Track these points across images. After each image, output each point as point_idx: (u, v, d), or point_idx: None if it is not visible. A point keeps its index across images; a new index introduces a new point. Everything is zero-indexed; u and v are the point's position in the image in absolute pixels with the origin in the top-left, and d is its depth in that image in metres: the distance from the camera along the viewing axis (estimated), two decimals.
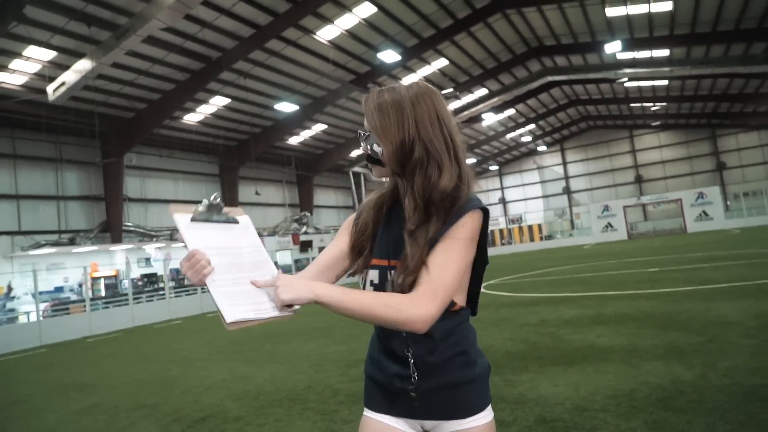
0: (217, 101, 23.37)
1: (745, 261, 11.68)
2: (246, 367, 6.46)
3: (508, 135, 42.22)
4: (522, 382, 4.27)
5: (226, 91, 22.44)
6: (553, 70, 28.74)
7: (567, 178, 50.04)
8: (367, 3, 18.78)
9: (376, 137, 1.24)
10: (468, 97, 30.69)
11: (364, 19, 19.85)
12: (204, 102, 23.15)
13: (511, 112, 37.05)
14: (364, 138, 1.27)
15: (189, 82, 20.36)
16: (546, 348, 5.43)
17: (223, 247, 1.16)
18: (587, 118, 45.12)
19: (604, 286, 10.36)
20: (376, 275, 1.28)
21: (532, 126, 42.39)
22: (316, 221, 34.96)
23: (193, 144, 26.73)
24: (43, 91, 17.05)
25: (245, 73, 21.42)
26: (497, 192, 53.10)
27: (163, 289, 18.62)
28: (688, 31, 23.39)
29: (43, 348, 12.06)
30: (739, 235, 24.22)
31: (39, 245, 19.59)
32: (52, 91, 16.73)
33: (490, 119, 35.78)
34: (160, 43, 17.57)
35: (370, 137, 1.25)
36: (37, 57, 16.50)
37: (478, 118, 34.26)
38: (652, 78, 29.54)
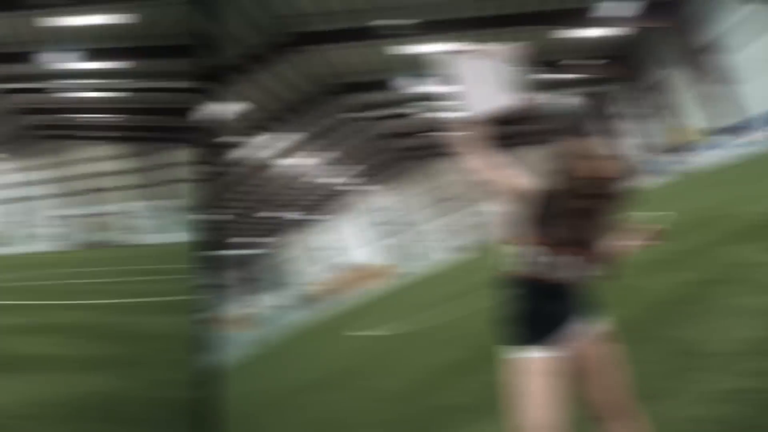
0: None
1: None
2: None
3: (323, 179, 37.40)
4: None
5: None
6: (352, 107, 27.81)
7: (400, 214, 44.56)
8: None
9: None
10: (276, 142, 27.30)
11: None
12: None
13: (326, 155, 33.53)
14: None
15: None
16: None
17: None
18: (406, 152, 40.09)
19: (33, 296, 9.76)
20: None
21: (352, 168, 37.88)
22: None
23: None
24: None
25: None
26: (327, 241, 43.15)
27: None
28: None
29: None
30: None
31: None
32: None
33: (304, 165, 32.78)
34: None
35: None
36: None
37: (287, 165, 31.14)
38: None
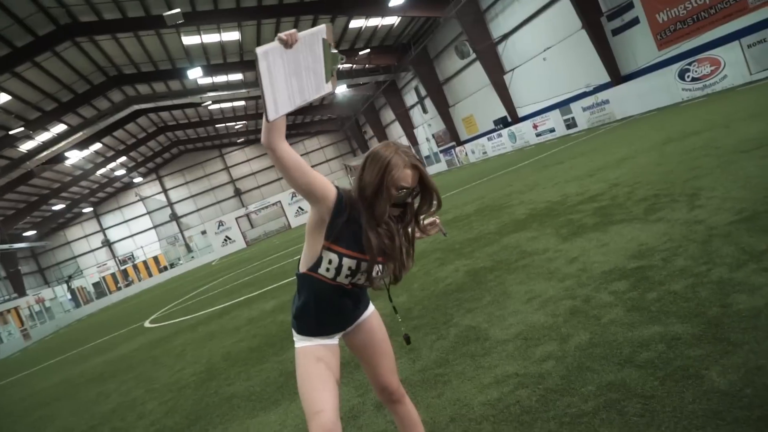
0: None
1: None
2: None
3: (99, 171, 38.90)
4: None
5: None
6: (137, 98, 28.33)
7: (171, 204, 49.85)
8: None
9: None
10: (44, 136, 26.97)
11: None
12: None
13: (97, 146, 34.45)
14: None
15: None
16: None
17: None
18: (177, 143, 45.94)
19: (272, 280, 11.60)
20: None
21: (123, 158, 40.32)
22: None
23: None
24: None
25: None
26: (98, 235, 48.32)
27: None
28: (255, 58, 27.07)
29: None
30: None
31: None
32: None
33: (75, 157, 32.33)
34: None
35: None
36: None
37: (60, 158, 30.51)
38: (232, 99, 32.84)
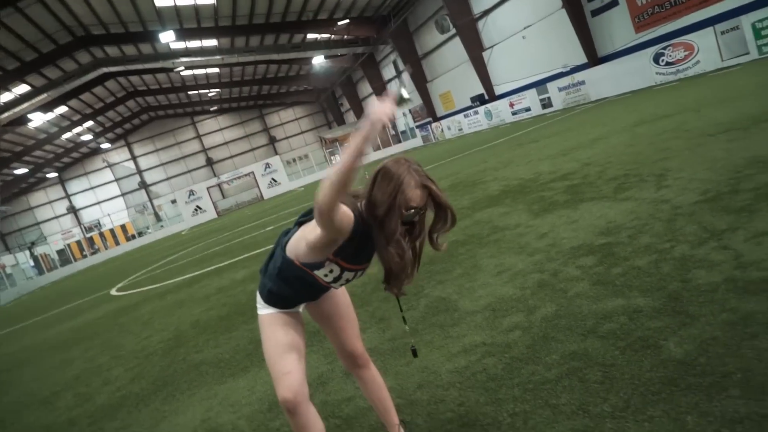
0: None
1: None
2: None
3: (64, 135, 37.71)
4: None
5: None
6: (105, 60, 27.42)
7: (140, 172, 48.75)
8: None
9: None
10: (5, 96, 25.92)
11: None
12: None
13: (63, 109, 33.29)
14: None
15: None
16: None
17: None
18: (148, 109, 44.74)
19: (243, 250, 11.58)
20: None
21: (91, 123, 39.11)
22: None
23: None
24: None
25: None
26: (63, 201, 47.03)
27: None
28: (229, 23, 26.41)
29: None
30: (303, 192, 29.80)
31: None
32: None
33: (39, 120, 31.22)
34: None
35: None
36: None
37: (23, 120, 29.42)
38: (206, 66, 32.04)
